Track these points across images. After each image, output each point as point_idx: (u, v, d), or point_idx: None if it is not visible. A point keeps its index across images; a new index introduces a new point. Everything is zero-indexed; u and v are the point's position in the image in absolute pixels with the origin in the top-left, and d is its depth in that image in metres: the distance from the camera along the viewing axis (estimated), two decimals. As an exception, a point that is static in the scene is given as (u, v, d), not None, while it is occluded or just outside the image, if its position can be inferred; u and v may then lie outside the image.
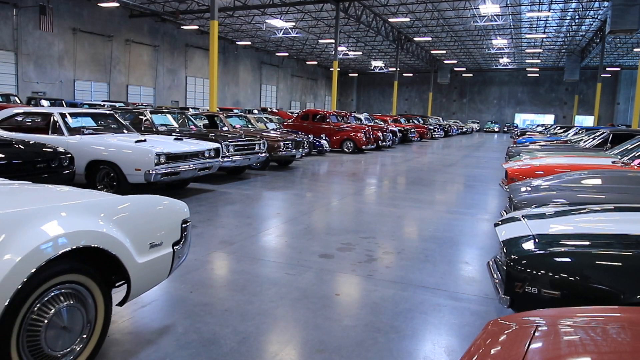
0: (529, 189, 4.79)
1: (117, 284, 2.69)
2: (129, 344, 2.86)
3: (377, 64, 53.56)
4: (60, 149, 6.21)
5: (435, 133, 31.39)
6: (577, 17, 31.35)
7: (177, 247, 2.93)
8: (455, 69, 56.04)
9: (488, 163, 15.91)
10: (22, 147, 5.89)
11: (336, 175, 11.38)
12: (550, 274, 2.52)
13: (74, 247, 2.24)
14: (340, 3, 26.93)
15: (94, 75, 29.27)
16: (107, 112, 9.32)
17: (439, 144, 26.11)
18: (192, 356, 2.74)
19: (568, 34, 36.80)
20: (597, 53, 37.13)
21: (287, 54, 49.72)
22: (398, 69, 40.66)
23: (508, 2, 27.89)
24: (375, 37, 39.01)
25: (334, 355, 2.80)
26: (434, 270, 4.45)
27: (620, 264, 2.49)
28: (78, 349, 2.40)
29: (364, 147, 18.14)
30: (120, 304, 2.70)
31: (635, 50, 40.08)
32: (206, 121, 12.67)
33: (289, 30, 36.55)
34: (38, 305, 2.19)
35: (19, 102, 19.51)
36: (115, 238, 2.45)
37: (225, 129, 11.57)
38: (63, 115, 7.54)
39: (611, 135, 10.20)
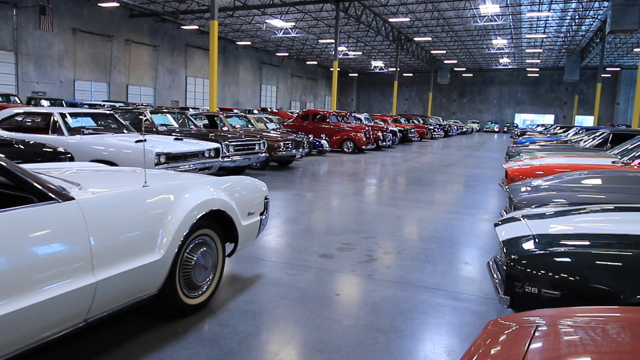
0: (529, 189, 4.79)
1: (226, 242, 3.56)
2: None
3: (377, 64, 53.56)
4: (61, 149, 6.21)
5: (435, 133, 31.39)
6: (577, 17, 31.35)
7: (262, 216, 3.90)
8: (455, 69, 56.04)
9: (488, 163, 15.91)
10: (22, 147, 5.89)
11: (336, 175, 11.38)
12: (550, 274, 2.52)
13: (213, 208, 3.22)
14: (340, 3, 26.93)
15: (94, 75, 29.27)
16: (107, 112, 9.32)
17: (439, 144, 26.11)
18: (193, 355, 2.74)
19: (568, 34, 36.81)
20: (597, 53, 37.13)
21: (287, 54, 49.72)
22: (398, 69, 40.67)
23: (508, 2, 27.89)
24: (375, 37, 39.01)
25: (334, 355, 2.80)
26: (434, 270, 4.45)
27: (620, 264, 2.49)
28: (209, 282, 3.36)
29: (364, 147, 18.14)
30: (229, 255, 3.65)
31: (635, 50, 40.07)
32: (206, 121, 12.67)
33: (289, 30, 36.55)
34: (190, 247, 3.13)
35: (19, 102, 19.52)
36: (231, 205, 3.43)
37: (225, 129, 11.57)
38: (63, 115, 7.54)
39: (611, 135, 10.20)
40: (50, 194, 2.30)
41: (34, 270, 2.11)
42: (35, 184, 2.28)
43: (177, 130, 10.04)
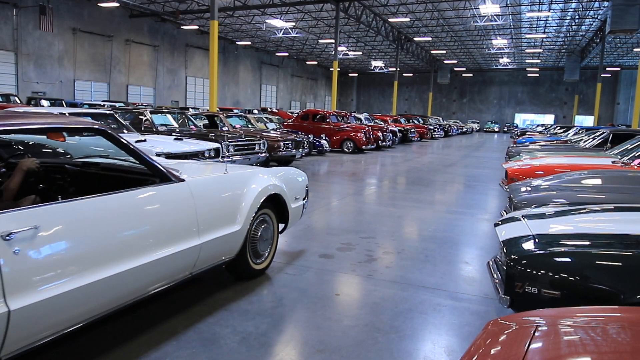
0: (529, 189, 4.79)
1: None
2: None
3: (377, 64, 53.55)
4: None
5: (435, 133, 31.37)
6: (577, 17, 31.35)
7: (304, 201, 4.58)
8: (455, 69, 56.03)
9: (488, 163, 15.91)
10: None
11: (336, 175, 11.38)
12: (550, 274, 2.52)
13: (272, 192, 3.94)
14: (340, 3, 26.92)
15: (94, 75, 29.27)
16: (107, 112, 9.31)
17: (439, 144, 26.11)
18: (192, 356, 2.74)
19: (568, 34, 36.80)
20: (597, 53, 37.12)
21: (287, 54, 49.71)
22: (398, 69, 40.67)
23: (508, 2, 27.88)
24: (375, 37, 39.01)
25: (334, 355, 2.80)
26: (434, 270, 4.45)
27: (620, 264, 2.49)
28: (267, 253, 4.12)
29: (364, 147, 18.13)
30: (281, 232, 4.33)
31: (635, 50, 40.07)
32: (206, 121, 12.67)
33: (289, 30, 36.54)
34: (256, 223, 3.85)
35: (19, 102, 19.51)
36: (285, 190, 4.15)
37: (225, 129, 11.57)
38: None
39: (611, 135, 10.20)
40: (170, 177, 3.07)
41: (167, 231, 2.92)
42: (162, 169, 3.05)
43: (177, 130, 10.03)
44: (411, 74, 60.46)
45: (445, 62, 51.22)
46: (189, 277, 3.19)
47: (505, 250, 2.76)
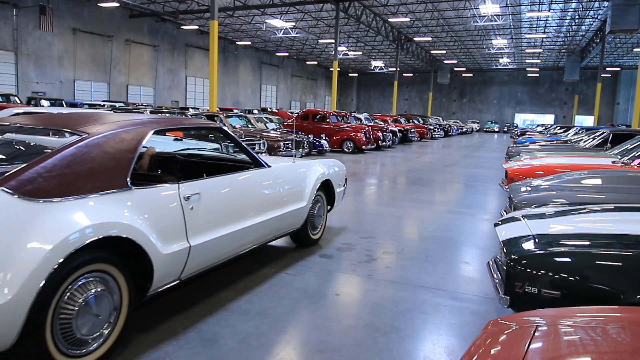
0: (529, 189, 4.79)
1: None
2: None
3: (377, 64, 53.55)
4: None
5: (435, 133, 31.37)
6: (577, 17, 31.35)
7: (344, 187, 5.58)
8: (455, 69, 56.03)
9: (488, 163, 15.91)
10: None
11: (336, 175, 11.36)
12: (550, 274, 2.52)
13: (326, 178, 4.99)
14: (340, 3, 26.92)
15: (94, 75, 29.27)
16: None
17: (439, 144, 26.11)
18: (192, 356, 2.74)
19: (568, 34, 36.80)
20: (597, 53, 37.11)
21: (287, 54, 49.71)
22: (398, 69, 40.67)
23: (508, 2, 27.88)
24: (375, 37, 39.01)
25: (334, 355, 2.80)
26: (434, 270, 4.45)
27: (620, 264, 2.49)
28: (320, 226, 5.15)
29: (364, 147, 18.13)
30: (328, 211, 5.34)
31: (635, 50, 40.07)
32: (206, 121, 12.65)
33: (289, 30, 36.54)
34: (313, 201, 4.81)
35: (19, 102, 19.51)
36: (333, 177, 5.16)
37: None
38: (63, 115, 7.53)
39: (611, 135, 10.20)
40: (263, 164, 4.11)
41: (267, 201, 4.02)
42: (258, 158, 4.11)
43: (177, 130, 10.02)
44: (411, 74, 60.46)
45: (445, 62, 51.22)
46: (272, 239, 4.26)
47: (505, 250, 2.76)
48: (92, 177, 2.59)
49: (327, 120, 18.20)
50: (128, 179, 2.76)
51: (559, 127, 24.04)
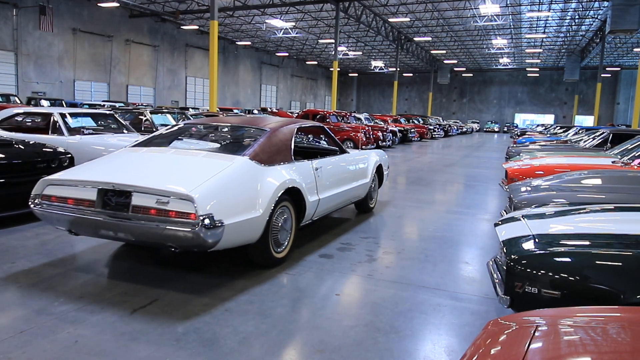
0: (529, 189, 4.79)
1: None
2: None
3: (377, 64, 53.55)
4: (61, 149, 6.21)
5: (435, 133, 31.35)
6: (577, 17, 31.35)
7: (387, 171, 7.32)
8: (455, 69, 56.04)
9: (488, 163, 15.91)
10: (22, 147, 5.89)
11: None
12: (550, 273, 2.52)
13: (379, 163, 6.91)
14: (340, 3, 26.92)
15: (94, 75, 29.28)
16: (107, 112, 9.32)
17: (439, 144, 26.11)
18: (192, 356, 2.74)
19: (568, 34, 36.81)
20: (597, 53, 37.13)
21: (287, 54, 49.72)
22: (398, 69, 40.67)
23: (508, 2, 27.89)
24: (375, 37, 39.02)
25: (334, 355, 2.80)
26: (434, 270, 4.45)
27: (620, 264, 2.49)
28: (374, 198, 7.11)
29: (363, 147, 18.12)
30: (378, 188, 7.14)
31: (635, 50, 40.07)
32: (206, 121, 12.65)
33: (289, 30, 36.55)
34: (372, 177, 6.63)
35: (19, 102, 19.52)
36: (383, 162, 7.05)
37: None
38: (63, 116, 7.54)
39: (611, 135, 10.20)
40: (346, 150, 6.07)
41: (351, 174, 5.92)
42: (343, 147, 6.09)
43: (177, 130, 10.03)
44: (411, 74, 60.47)
45: (445, 62, 51.22)
46: (349, 203, 6.13)
47: (505, 250, 2.76)
48: (279, 154, 4.49)
49: (327, 120, 18.19)
50: (292, 156, 4.67)
51: (559, 127, 24.04)
